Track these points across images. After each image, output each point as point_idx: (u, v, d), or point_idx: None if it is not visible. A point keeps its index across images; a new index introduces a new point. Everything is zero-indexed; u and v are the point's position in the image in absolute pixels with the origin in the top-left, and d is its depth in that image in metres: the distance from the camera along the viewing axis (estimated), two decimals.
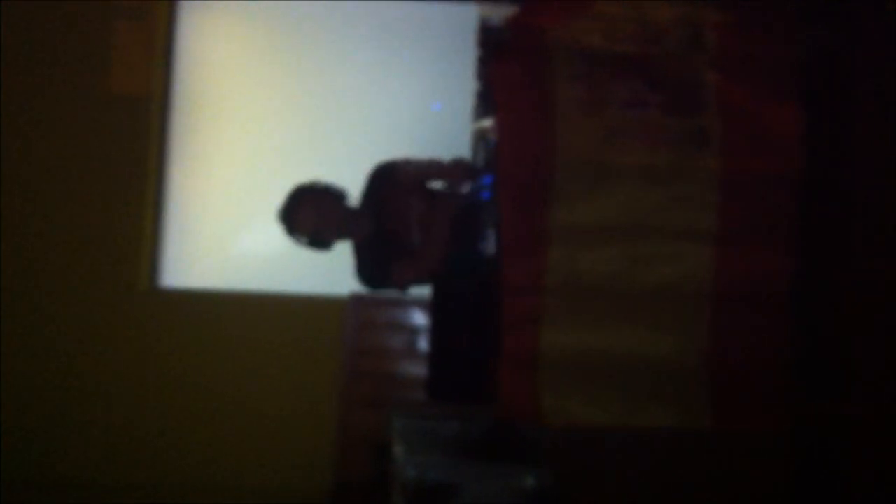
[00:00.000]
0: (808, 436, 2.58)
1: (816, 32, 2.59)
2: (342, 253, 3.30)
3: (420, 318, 4.57)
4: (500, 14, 2.69)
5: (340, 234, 3.15)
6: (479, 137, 3.05)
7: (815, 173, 2.50)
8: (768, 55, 2.51)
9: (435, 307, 2.69)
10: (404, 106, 4.89)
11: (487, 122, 2.88)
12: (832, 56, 2.65)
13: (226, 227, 4.97)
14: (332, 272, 4.64)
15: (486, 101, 2.82)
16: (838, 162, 2.66)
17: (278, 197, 3.18)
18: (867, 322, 2.55)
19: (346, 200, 3.16)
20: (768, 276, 2.48)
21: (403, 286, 3.16)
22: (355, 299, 4.67)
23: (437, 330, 2.70)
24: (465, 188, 3.10)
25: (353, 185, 3.21)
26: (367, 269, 3.15)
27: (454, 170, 3.15)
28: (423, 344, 4.44)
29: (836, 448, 2.59)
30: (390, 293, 3.31)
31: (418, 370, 4.33)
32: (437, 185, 3.21)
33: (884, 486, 2.43)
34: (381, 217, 3.14)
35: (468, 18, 4.66)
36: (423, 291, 3.11)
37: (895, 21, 2.49)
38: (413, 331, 4.67)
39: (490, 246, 2.76)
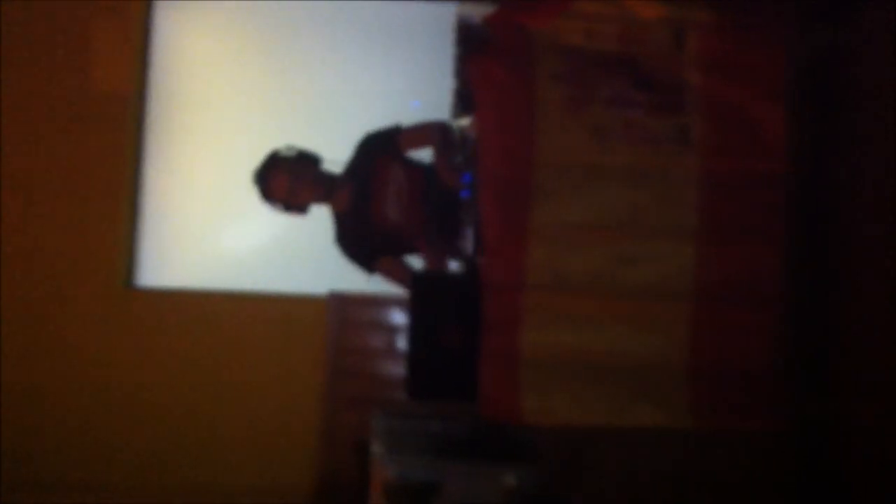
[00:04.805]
0: (806, 435, 2.59)
1: (805, 32, 2.60)
2: (321, 251, 3.29)
3: (402, 317, 4.56)
4: (478, 12, 2.68)
5: (315, 198, 3.20)
6: (458, 135, 3.05)
7: (808, 171, 2.51)
8: (751, 55, 2.52)
9: (415, 305, 2.68)
10: (383, 104, 4.86)
11: (466, 120, 2.87)
12: (824, 55, 2.66)
13: (203, 225, 4.94)
14: (311, 270, 4.65)
15: (465, 100, 2.81)
16: (832, 160, 2.67)
17: (256, 195, 3.18)
18: (864, 321, 2.56)
19: (321, 165, 3.21)
20: (752, 274, 2.49)
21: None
22: (335, 298, 4.65)
23: (417, 328, 2.69)
24: (447, 157, 3.13)
25: None
26: (345, 237, 3.22)
27: (435, 132, 3.21)
28: (405, 343, 4.43)
29: (835, 448, 2.60)
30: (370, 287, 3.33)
31: (400, 369, 4.32)
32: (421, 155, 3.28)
33: (883, 486, 2.44)
34: (362, 182, 3.19)
35: (446, 16, 4.67)
36: (403, 290, 3.11)
37: (894, 20, 2.49)
38: (395, 330, 4.66)
39: (470, 243, 2.75)
